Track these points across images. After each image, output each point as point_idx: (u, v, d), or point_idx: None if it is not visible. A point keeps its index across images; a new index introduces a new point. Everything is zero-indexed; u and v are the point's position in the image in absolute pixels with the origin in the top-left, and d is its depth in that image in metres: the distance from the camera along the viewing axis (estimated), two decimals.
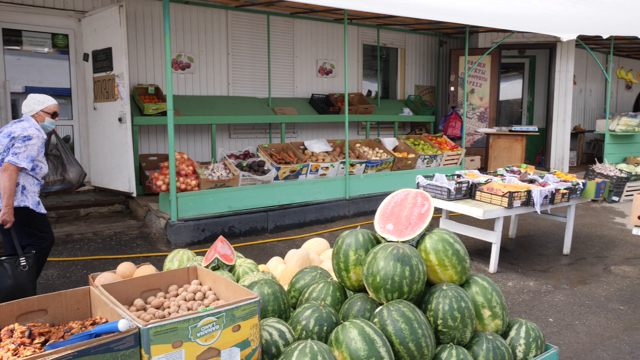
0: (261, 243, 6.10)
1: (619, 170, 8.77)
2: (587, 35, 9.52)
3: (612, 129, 9.76)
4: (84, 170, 4.60)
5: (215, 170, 6.05)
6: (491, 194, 5.26)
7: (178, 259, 3.48)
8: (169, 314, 2.38)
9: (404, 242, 2.86)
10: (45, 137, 3.94)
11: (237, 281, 3.26)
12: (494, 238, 5.26)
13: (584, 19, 6.86)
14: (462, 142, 8.70)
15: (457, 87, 10.15)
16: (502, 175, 6.30)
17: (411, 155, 7.67)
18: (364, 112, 9.03)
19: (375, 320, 2.55)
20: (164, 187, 5.78)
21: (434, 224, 6.93)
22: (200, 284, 2.70)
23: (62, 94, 7.10)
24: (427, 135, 8.72)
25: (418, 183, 5.64)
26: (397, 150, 7.90)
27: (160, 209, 6.14)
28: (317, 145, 6.98)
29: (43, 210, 4.00)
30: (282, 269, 3.71)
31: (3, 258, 3.67)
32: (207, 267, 3.23)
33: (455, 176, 5.96)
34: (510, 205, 5.10)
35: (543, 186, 5.59)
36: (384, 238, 2.92)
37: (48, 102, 4.01)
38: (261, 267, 3.72)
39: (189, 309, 2.41)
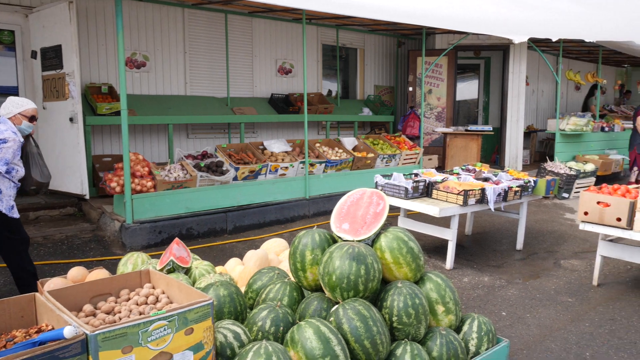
0: (220, 244, 6.03)
1: (569, 168, 9.11)
2: (538, 38, 9.85)
3: (562, 128, 10.13)
4: (45, 179, 4.34)
5: (172, 171, 5.94)
6: (447, 192, 5.37)
7: (132, 262, 3.40)
8: (120, 319, 2.32)
9: (359, 241, 2.89)
10: (21, 140, 3.90)
11: (194, 284, 3.21)
12: (450, 235, 5.37)
13: (534, 23, 7.10)
14: (420, 142, 8.85)
15: (415, 87, 10.32)
16: (457, 174, 6.44)
17: (370, 155, 7.75)
18: (324, 112, 9.06)
19: (331, 319, 2.56)
20: (118, 189, 5.64)
21: (393, 222, 7.02)
22: (153, 288, 2.65)
23: (8, 93, 6.82)
24: (386, 134, 8.83)
25: (376, 182, 5.71)
26: (357, 149, 7.97)
27: (114, 212, 5.99)
28: (276, 145, 6.96)
29: (16, 215, 3.98)
30: (240, 270, 3.68)
31: None
32: (162, 270, 3.17)
33: (413, 175, 6.05)
34: (465, 203, 5.22)
35: (496, 184, 5.74)
36: (340, 237, 2.94)
37: (27, 105, 4.00)
38: (219, 268, 3.68)
39: (140, 314, 2.36)
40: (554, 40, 7.84)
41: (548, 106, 13.68)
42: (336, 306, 2.61)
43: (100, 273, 3.25)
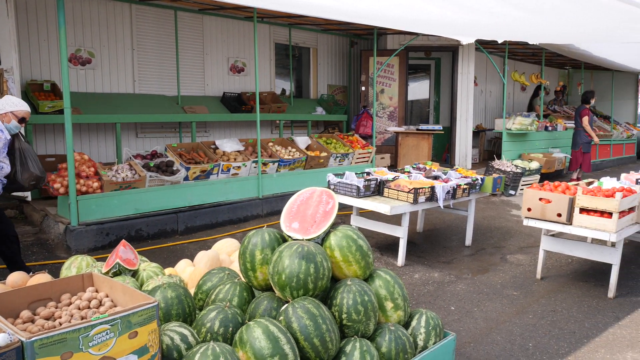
0: (171, 246, 5.91)
1: (515, 166, 9.45)
2: (485, 40, 10.16)
3: (509, 127, 10.49)
4: (42, 173, 4.37)
5: (119, 171, 5.77)
6: (398, 190, 5.46)
7: (76, 265, 3.28)
8: (60, 324, 2.23)
9: (309, 240, 2.89)
10: (8, 137, 3.99)
11: (141, 286, 3.14)
12: (401, 233, 5.46)
13: (480, 25, 7.32)
14: (372, 141, 8.96)
15: (368, 86, 10.44)
16: (408, 172, 6.55)
17: (323, 154, 7.78)
18: (277, 111, 9.02)
19: (281, 318, 2.55)
20: (62, 190, 5.42)
21: (346, 220, 7.08)
22: (97, 291, 2.56)
23: None
24: (339, 134, 8.89)
25: (329, 181, 5.74)
26: (310, 149, 7.98)
27: (58, 214, 5.76)
28: (228, 144, 6.88)
29: None
30: (190, 271, 3.62)
31: None
32: (107, 273, 3.08)
33: (365, 174, 6.12)
34: (415, 201, 5.32)
35: (446, 182, 5.89)
36: (290, 237, 2.93)
37: (21, 107, 4.09)
38: (168, 270, 3.61)
39: (82, 318, 2.27)
40: (499, 42, 8.11)
41: (496, 106, 14.14)
42: (285, 305, 2.60)
43: (42, 277, 3.11)
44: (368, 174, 6.14)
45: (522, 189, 9.44)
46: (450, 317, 4.33)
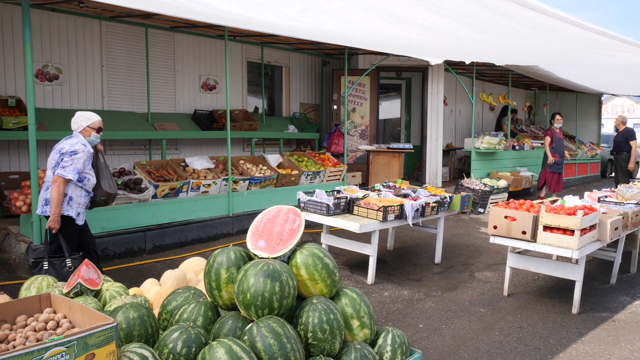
0: (138, 265, 5.80)
1: (484, 184, 9.62)
2: (453, 61, 10.41)
3: (477, 146, 10.70)
4: (112, 190, 4.65)
5: None
6: (367, 208, 5.49)
7: (36, 286, 3.19)
8: (14, 347, 2.16)
9: (275, 258, 2.88)
10: (91, 151, 4.32)
11: (104, 307, 3.07)
12: (370, 251, 5.48)
13: (447, 47, 7.51)
14: (343, 159, 9.01)
15: (340, 105, 10.54)
16: (379, 190, 6.61)
17: (295, 172, 7.79)
18: (249, 129, 9.02)
19: (245, 337, 2.52)
20: (24, 208, 5.28)
21: (317, 238, 7.08)
22: (55, 312, 2.49)
23: None
24: (311, 152, 8.92)
25: (299, 199, 5.74)
26: (281, 166, 7.98)
27: (21, 232, 5.60)
28: (198, 162, 6.83)
29: (79, 222, 4.37)
30: (156, 290, 3.55)
31: (52, 259, 4.11)
32: (68, 293, 3.00)
33: (335, 192, 6.14)
34: (384, 219, 5.36)
35: (415, 200, 5.95)
36: (256, 255, 2.92)
37: (93, 118, 4.43)
38: (133, 290, 3.53)
39: (38, 340, 2.20)
40: (467, 62, 8.32)
41: (465, 125, 14.43)
42: (250, 325, 2.57)
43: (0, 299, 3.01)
44: (338, 192, 6.17)
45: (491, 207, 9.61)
46: (418, 334, 4.35)
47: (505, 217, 4.93)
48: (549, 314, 4.90)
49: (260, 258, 2.89)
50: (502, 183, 10.01)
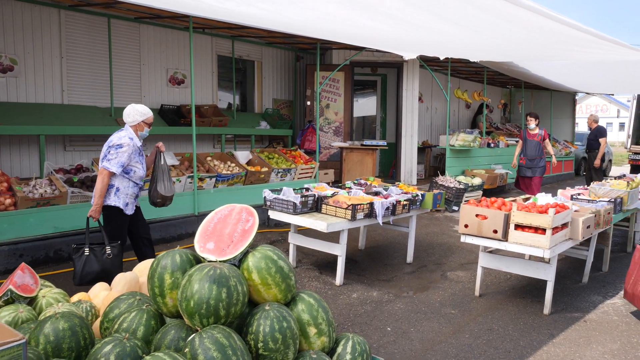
0: None
1: (458, 182, 9.51)
2: (428, 57, 10.28)
3: (452, 144, 10.60)
4: (169, 192, 4.80)
5: (37, 187, 5.33)
6: (336, 207, 5.29)
7: None
8: None
9: (224, 261, 2.65)
10: (138, 144, 4.47)
11: (39, 315, 2.81)
12: (339, 251, 5.29)
13: (422, 42, 7.36)
14: (315, 156, 8.79)
15: (313, 101, 10.32)
16: (349, 188, 6.42)
17: (264, 169, 7.54)
18: (219, 125, 8.74)
19: (186, 350, 2.29)
20: None
21: (286, 237, 6.86)
22: None
23: None
24: (282, 149, 8.69)
25: (265, 197, 5.51)
26: (251, 164, 7.73)
27: None
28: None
29: (129, 212, 4.53)
30: (104, 295, 3.29)
31: (92, 246, 4.23)
32: None
33: (304, 190, 5.93)
34: (353, 218, 5.16)
35: (386, 198, 5.77)
36: (204, 258, 2.69)
37: (148, 113, 4.52)
38: (79, 295, 3.27)
39: None
40: (441, 58, 8.18)
41: (442, 123, 14.35)
42: (192, 336, 2.34)
43: None
44: (307, 189, 5.96)
45: (462, 205, 9.51)
46: (385, 338, 4.16)
47: (477, 215, 4.78)
48: (521, 314, 4.76)
49: (208, 261, 2.66)
50: (477, 181, 9.93)
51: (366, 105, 12.79)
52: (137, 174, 4.51)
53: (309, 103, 10.31)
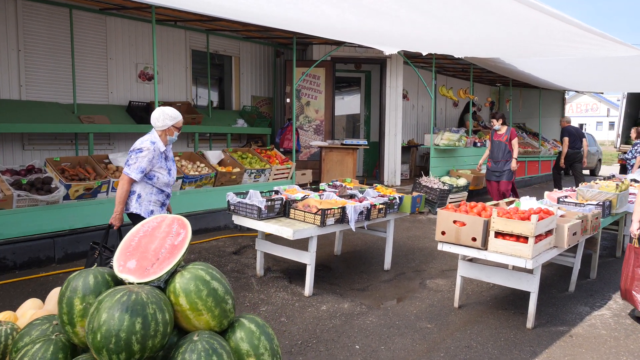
0: (43, 277, 5.07)
1: (442, 182, 9.16)
2: (413, 54, 9.92)
3: (437, 143, 10.25)
4: None
5: None
6: (304, 211, 4.90)
7: None
8: None
9: (147, 282, 2.26)
10: (162, 148, 4.16)
11: None
12: (307, 259, 4.90)
13: (404, 36, 6.99)
14: (292, 156, 8.39)
15: (293, 98, 9.92)
16: (323, 190, 6.04)
17: (236, 170, 7.14)
18: (192, 123, 8.32)
19: None
20: None
21: (252, 244, 6.46)
22: None
23: None
24: (257, 148, 8.28)
25: (228, 201, 5.11)
26: (223, 164, 7.32)
27: None
28: (124, 159, 6.11)
29: None
30: (31, 315, 2.89)
31: (105, 250, 4.03)
32: None
33: (273, 192, 5.54)
34: (323, 224, 4.78)
35: (360, 202, 5.40)
36: (123, 279, 2.29)
37: (179, 117, 4.25)
38: (3, 315, 2.86)
39: None
40: (424, 54, 7.81)
41: (428, 121, 14.00)
42: None
43: None
44: (276, 192, 5.57)
45: (439, 211, 9.15)
46: (353, 358, 3.78)
47: (454, 221, 4.41)
48: (502, 329, 4.40)
49: (129, 283, 2.27)
50: (462, 181, 9.58)
51: (350, 103, 12.41)
52: (162, 180, 4.22)
53: (288, 100, 9.91)
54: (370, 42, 7.34)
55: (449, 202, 9.12)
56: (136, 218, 4.20)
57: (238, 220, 5.08)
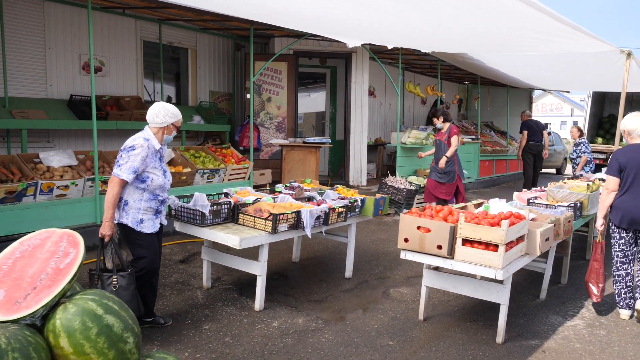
0: None
1: (409, 183, 8.77)
2: (378, 48, 9.52)
3: (404, 141, 9.87)
4: None
5: None
6: (254, 217, 4.41)
7: None
8: None
9: (16, 320, 1.74)
10: (156, 147, 3.75)
11: None
12: (258, 270, 4.40)
13: (368, 28, 6.57)
14: (250, 155, 7.86)
15: (253, 94, 9.39)
16: (279, 192, 5.56)
17: (187, 170, 6.58)
18: (141, 119, 7.70)
19: None
20: None
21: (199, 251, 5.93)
22: None
23: None
24: (211, 146, 7.73)
25: (169, 206, 4.57)
26: (173, 163, 6.76)
27: None
28: (57, 158, 5.51)
29: (146, 230, 3.73)
30: None
31: (105, 273, 3.52)
32: None
33: (222, 195, 5.03)
34: (274, 230, 4.29)
35: (318, 205, 4.94)
36: None
37: (179, 115, 3.89)
38: None
39: None
40: (389, 47, 7.41)
41: (396, 119, 13.62)
42: None
43: None
44: (226, 195, 5.05)
45: (401, 215, 8.78)
46: None
47: (418, 227, 3.99)
48: (470, 344, 4.01)
49: None
50: None
51: (316, 100, 11.94)
52: (156, 183, 3.74)
53: (248, 96, 9.38)
54: (333, 33, 6.89)
55: (416, 203, 8.75)
56: (125, 230, 3.72)
57: (181, 227, 4.56)
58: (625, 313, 4.65)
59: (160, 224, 3.91)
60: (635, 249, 4.65)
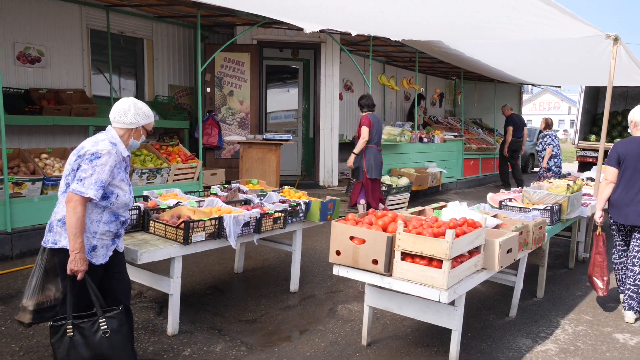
0: None
1: (381, 183, 8.10)
2: (353, 39, 8.85)
3: None
4: None
5: None
6: (166, 225, 3.73)
7: None
8: None
9: None
10: (124, 154, 2.98)
11: None
12: (169, 287, 3.72)
13: (326, 10, 5.91)
14: (199, 153, 7.14)
15: (214, 88, 8.72)
16: (215, 194, 4.89)
17: None
18: (83, 114, 7.03)
19: None
20: None
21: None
22: None
23: None
24: (155, 143, 7.03)
25: None
26: None
27: None
28: None
29: (95, 261, 2.85)
30: None
31: (80, 321, 2.73)
32: None
33: (142, 198, 4.35)
34: (187, 241, 3.61)
35: (256, 208, 4.27)
36: None
37: (152, 117, 3.15)
38: None
39: None
40: (353, 34, 6.77)
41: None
42: None
43: None
44: (145, 198, 4.38)
45: (332, 224, 8.11)
46: None
47: (351, 237, 3.31)
48: None
49: None
50: (404, 181, 8.56)
51: (289, 96, 11.24)
52: (121, 200, 2.92)
53: (208, 90, 8.70)
54: (290, 17, 6.23)
55: (389, 205, 8.08)
56: (62, 255, 2.82)
57: None
58: (630, 316, 4.40)
59: (116, 250, 3.01)
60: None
